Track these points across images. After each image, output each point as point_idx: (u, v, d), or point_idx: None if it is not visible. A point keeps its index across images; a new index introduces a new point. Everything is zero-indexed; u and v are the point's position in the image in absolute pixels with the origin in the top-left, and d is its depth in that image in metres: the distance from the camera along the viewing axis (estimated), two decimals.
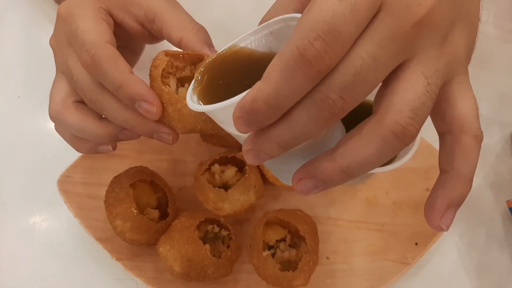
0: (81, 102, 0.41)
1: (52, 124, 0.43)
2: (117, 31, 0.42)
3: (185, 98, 0.37)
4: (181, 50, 0.41)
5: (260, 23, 0.32)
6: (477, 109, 0.28)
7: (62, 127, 0.43)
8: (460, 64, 0.28)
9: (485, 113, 0.61)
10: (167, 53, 0.39)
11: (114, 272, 0.51)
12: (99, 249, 0.50)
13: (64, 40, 0.40)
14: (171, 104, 0.37)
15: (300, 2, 0.31)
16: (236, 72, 0.23)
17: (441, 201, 0.27)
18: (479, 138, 0.28)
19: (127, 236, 0.45)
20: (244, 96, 0.23)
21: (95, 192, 0.52)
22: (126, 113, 0.38)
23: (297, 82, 0.22)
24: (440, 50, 0.25)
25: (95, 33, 0.38)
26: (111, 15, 0.42)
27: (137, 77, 0.37)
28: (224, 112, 0.25)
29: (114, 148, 0.44)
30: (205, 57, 0.40)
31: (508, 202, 0.54)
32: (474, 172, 0.28)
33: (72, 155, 0.51)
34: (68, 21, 0.39)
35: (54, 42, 0.42)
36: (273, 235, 0.48)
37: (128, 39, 0.45)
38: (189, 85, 0.40)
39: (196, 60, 0.40)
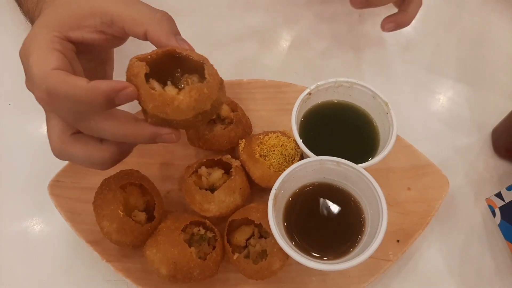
0: (77, 132, 0.41)
1: (42, 129, 0.44)
2: (82, 49, 0.41)
3: (176, 94, 0.37)
4: (150, 51, 0.40)
5: None
6: None
7: (69, 161, 0.42)
8: None
9: (465, 113, 0.63)
10: (138, 58, 0.38)
11: (105, 274, 0.52)
12: (90, 251, 0.51)
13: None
14: (168, 104, 0.37)
15: None
16: None
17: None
18: None
19: (113, 237, 0.46)
20: None
21: (85, 195, 0.52)
22: (123, 129, 0.38)
23: None
24: None
25: (42, 63, 0.37)
26: (69, 39, 0.41)
27: (97, 80, 0.36)
28: None
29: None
30: (177, 50, 0.39)
31: (487, 199, 0.55)
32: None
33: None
34: (23, 60, 0.38)
35: (29, 86, 0.40)
36: (242, 237, 0.49)
37: (97, 52, 0.44)
38: (170, 82, 0.40)
39: (167, 55, 0.39)
